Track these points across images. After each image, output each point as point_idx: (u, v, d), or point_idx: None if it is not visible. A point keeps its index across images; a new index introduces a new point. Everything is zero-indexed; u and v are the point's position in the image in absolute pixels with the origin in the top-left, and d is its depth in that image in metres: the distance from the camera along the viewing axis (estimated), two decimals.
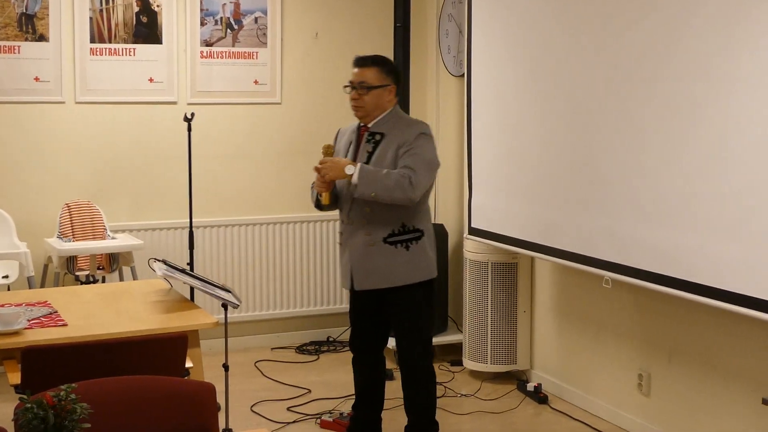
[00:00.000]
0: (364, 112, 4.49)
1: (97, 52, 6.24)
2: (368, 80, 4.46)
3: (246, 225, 6.72)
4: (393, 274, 4.42)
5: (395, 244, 4.42)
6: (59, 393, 2.22)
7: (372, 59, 4.53)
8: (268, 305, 6.83)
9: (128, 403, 2.78)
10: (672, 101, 4.29)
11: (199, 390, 2.88)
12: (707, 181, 4.10)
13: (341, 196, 4.51)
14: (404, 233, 4.43)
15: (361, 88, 4.47)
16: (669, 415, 4.86)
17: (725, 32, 3.97)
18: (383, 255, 4.41)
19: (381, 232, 4.41)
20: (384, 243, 4.41)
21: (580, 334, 5.55)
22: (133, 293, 4.60)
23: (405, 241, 4.43)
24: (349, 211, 4.47)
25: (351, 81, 4.50)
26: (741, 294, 3.94)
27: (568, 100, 5.01)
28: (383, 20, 6.84)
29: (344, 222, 4.53)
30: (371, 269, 4.44)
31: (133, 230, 6.33)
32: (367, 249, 4.42)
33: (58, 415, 2.19)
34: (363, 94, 4.46)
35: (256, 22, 6.65)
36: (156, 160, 6.45)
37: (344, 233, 4.55)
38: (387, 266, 4.42)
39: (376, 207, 4.36)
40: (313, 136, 6.86)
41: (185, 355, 3.71)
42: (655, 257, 4.41)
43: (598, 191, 4.79)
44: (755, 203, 3.85)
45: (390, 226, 4.41)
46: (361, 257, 4.45)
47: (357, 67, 4.52)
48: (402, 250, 4.42)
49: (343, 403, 5.55)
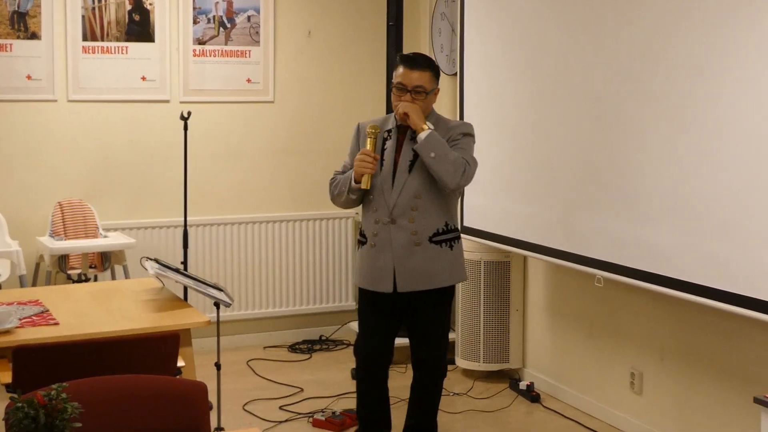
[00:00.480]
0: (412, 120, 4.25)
1: (89, 50, 6.23)
2: (425, 85, 4.27)
3: (239, 224, 6.71)
4: (438, 274, 4.30)
5: (440, 244, 4.30)
6: (50, 392, 2.21)
7: (426, 61, 4.34)
8: (261, 304, 6.82)
9: (119, 402, 2.77)
10: (665, 101, 4.29)
11: (191, 389, 2.87)
12: (700, 180, 4.10)
13: (375, 195, 4.30)
14: (447, 232, 4.32)
15: (416, 93, 4.26)
16: (661, 413, 4.86)
17: (718, 32, 3.98)
18: (428, 255, 4.27)
19: (427, 231, 4.27)
20: (430, 242, 4.28)
21: (572, 333, 5.55)
22: (125, 292, 4.59)
23: (449, 241, 4.32)
24: (392, 208, 4.26)
25: (402, 83, 4.26)
26: (733, 293, 3.94)
27: (561, 100, 5.01)
28: (376, 19, 6.84)
29: (381, 222, 4.30)
30: (415, 270, 4.27)
31: (126, 229, 6.32)
32: (413, 249, 4.26)
33: (49, 414, 2.18)
34: (418, 99, 4.26)
35: (248, 21, 6.64)
36: (148, 159, 6.44)
37: (380, 233, 4.30)
38: (432, 267, 4.28)
39: (422, 204, 4.25)
40: (306, 135, 6.87)
41: (177, 354, 3.70)
42: (647, 256, 4.42)
43: (591, 190, 4.80)
44: (748, 202, 3.86)
45: (435, 224, 4.30)
46: (406, 257, 4.26)
47: (412, 69, 4.27)
48: (447, 249, 4.31)
49: (336, 401, 5.55)
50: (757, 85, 3.80)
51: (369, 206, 4.36)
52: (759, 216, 3.81)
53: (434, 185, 4.24)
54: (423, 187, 4.25)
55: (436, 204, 4.28)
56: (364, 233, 4.40)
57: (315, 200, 6.91)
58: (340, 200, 4.43)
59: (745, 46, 3.85)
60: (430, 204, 4.26)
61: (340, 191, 4.39)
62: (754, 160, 3.83)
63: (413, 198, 4.24)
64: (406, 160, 4.28)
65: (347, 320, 6.97)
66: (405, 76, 4.26)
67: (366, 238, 4.38)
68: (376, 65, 6.87)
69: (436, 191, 4.26)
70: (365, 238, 4.39)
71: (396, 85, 4.28)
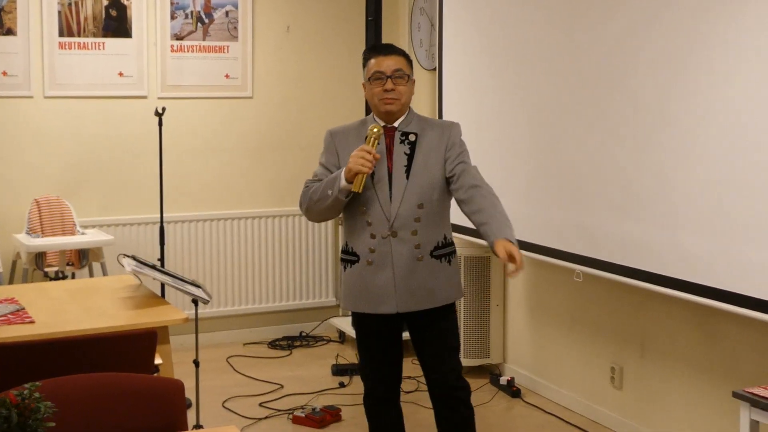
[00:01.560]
0: (400, 105, 3.89)
1: (66, 46, 6.19)
2: (404, 68, 3.90)
3: (217, 220, 6.68)
4: (438, 292, 3.91)
5: (440, 258, 3.90)
6: (23, 392, 2.19)
7: (398, 48, 4.00)
8: (241, 300, 6.80)
9: (95, 401, 2.74)
10: (643, 96, 4.29)
11: (168, 387, 2.84)
12: (679, 175, 4.11)
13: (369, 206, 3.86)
14: (446, 246, 3.94)
15: (397, 78, 3.87)
16: (641, 407, 4.87)
17: (695, 28, 3.98)
18: (429, 270, 3.87)
19: (429, 244, 3.87)
20: (431, 257, 3.87)
21: (552, 328, 5.55)
22: (103, 289, 4.55)
23: (447, 255, 3.94)
24: (392, 220, 3.81)
25: (380, 70, 3.87)
26: (712, 287, 3.95)
27: (539, 94, 5.01)
28: (355, 13, 6.82)
29: (378, 236, 3.84)
30: (417, 287, 3.86)
31: (103, 226, 6.28)
32: (414, 264, 3.84)
33: (22, 413, 2.16)
34: (400, 84, 3.88)
35: (227, 16, 6.61)
36: (126, 155, 6.40)
37: (378, 249, 3.84)
38: (432, 283, 3.89)
39: (425, 215, 3.85)
40: (284, 131, 6.84)
41: (154, 351, 3.67)
42: (625, 251, 4.42)
43: (570, 185, 4.80)
44: (727, 197, 3.87)
45: (436, 237, 3.90)
46: (407, 274, 3.85)
47: (387, 54, 3.92)
48: (445, 264, 3.92)
49: (316, 398, 5.53)
50: (735, 80, 3.81)
51: (361, 220, 3.88)
52: (738, 211, 3.82)
53: (435, 193, 3.87)
54: (425, 196, 3.85)
55: (437, 214, 3.90)
56: (353, 251, 3.92)
57: (294, 196, 6.80)
58: (318, 207, 3.90)
59: (723, 41, 3.86)
60: (432, 214, 3.87)
61: (322, 196, 3.84)
62: (733, 156, 3.83)
63: (416, 208, 3.83)
64: (400, 166, 3.86)
65: (327, 316, 6.96)
66: (380, 64, 3.89)
67: (358, 256, 3.90)
68: (355, 60, 6.82)
69: (437, 200, 3.88)
70: (356, 257, 3.90)
71: (372, 75, 3.88)
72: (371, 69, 3.91)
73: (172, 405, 2.84)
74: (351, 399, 5.51)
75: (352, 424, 5.15)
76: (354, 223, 3.91)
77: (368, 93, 3.94)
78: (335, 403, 5.38)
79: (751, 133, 3.75)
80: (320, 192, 3.85)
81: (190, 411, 4.73)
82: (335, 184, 3.79)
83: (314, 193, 3.88)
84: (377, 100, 3.89)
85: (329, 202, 3.82)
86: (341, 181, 3.77)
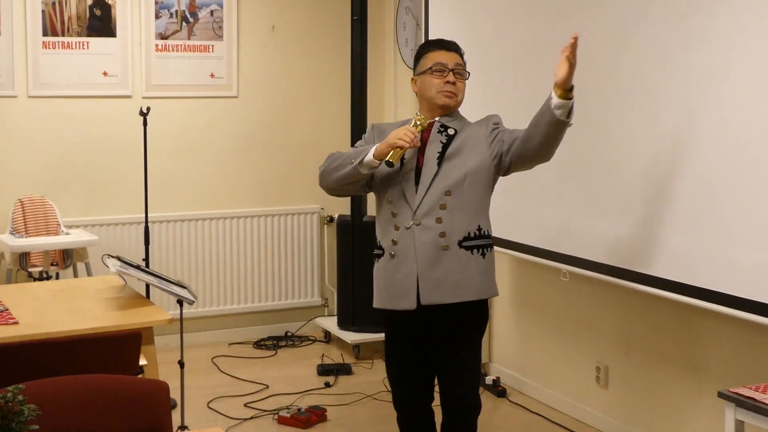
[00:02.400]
0: (456, 101, 3.77)
1: (49, 45, 6.16)
2: (463, 66, 3.81)
3: (202, 220, 6.66)
4: (467, 285, 3.67)
5: (471, 250, 3.68)
6: (6, 394, 2.17)
7: (458, 45, 3.87)
8: (226, 300, 6.78)
9: (79, 403, 2.73)
10: (627, 96, 4.30)
11: (152, 388, 2.83)
12: (663, 174, 4.11)
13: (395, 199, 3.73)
14: (480, 237, 3.71)
15: (458, 74, 3.76)
16: (627, 407, 4.87)
17: (679, 26, 3.99)
18: (457, 261, 3.65)
19: (456, 233, 3.66)
20: (459, 247, 3.66)
21: (538, 328, 5.55)
22: (87, 290, 4.53)
23: (481, 247, 3.71)
24: (416, 208, 3.66)
25: (442, 62, 3.75)
26: (697, 287, 3.95)
27: (524, 93, 5.00)
28: (340, 12, 6.80)
29: (402, 227, 3.69)
30: (442, 279, 3.64)
31: (88, 226, 6.25)
32: (439, 254, 3.64)
33: (5, 416, 2.14)
34: (460, 80, 3.77)
35: (211, 15, 6.59)
36: (111, 155, 6.38)
37: (401, 241, 3.68)
38: (461, 276, 3.66)
39: (452, 202, 3.66)
40: (270, 130, 6.83)
41: (139, 352, 3.66)
42: (611, 250, 4.43)
43: (555, 185, 4.80)
44: (711, 196, 3.87)
45: (466, 226, 3.67)
46: (431, 264, 3.64)
47: (449, 50, 3.81)
48: (478, 257, 3.69)
49: (301, 398, 5.52)
50: (722, 79, 3.81)
51: (387, 212, 3.75)
52: (722, 210, 3.82)
53: (467, 181, 3.69)
54: (455, 184, 3.67)
55: (469, 203, 3.69)
56: (380, 244, 3.79)
57: (279, 195, 6.87)
58: (335, 174, 3.75)
59: (710, 39, 3.86)
60: (461, 202, 3.67)
61: (344, 163, 3.71)
62: (717, 155, 3.83)
63: (443, 195, 3.66)
64: (433, 154, 3.70)
65: (313, 316, 6.95)
66: (442, 56, 3.77)
67: (383, 250, 3.76)
68: (340, 60, 6.84)
69: (469, 188, 3.68)
70: (382, 250, 3.77)
71: (434, 66, 3.74)
72: (431, 60, 3.78)
73: (156, 406, 2.83)
74: (336, 399, 5.50)
75: (338, 424, 5.14)
76: (381, 216, 3.80)
77: (423, 86, 3.79)
78: (321, 403, 5.37)
79: (735, 132, 3.76)
80: (343, 158, 3.73)
81: (175, 412, 4.72)
82: (361, 154, 3.67)
83: (337, 159, 3.77)
84: (435, 93, 3.75)
85: (347, 170, 3.69)
86: (369, 154, 3.65)
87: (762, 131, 3.64)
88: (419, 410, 3.89)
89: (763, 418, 3.10)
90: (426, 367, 3.83)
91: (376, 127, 3.91)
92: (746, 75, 3.70)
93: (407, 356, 3.83)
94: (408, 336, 3.80)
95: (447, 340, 3.74)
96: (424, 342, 3.79)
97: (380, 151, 3.62)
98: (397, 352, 3.86)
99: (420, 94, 3.82)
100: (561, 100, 3.52)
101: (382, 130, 3.85)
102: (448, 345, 3.75)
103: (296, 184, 6.90)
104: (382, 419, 5.17)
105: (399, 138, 3.57)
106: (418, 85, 3.82)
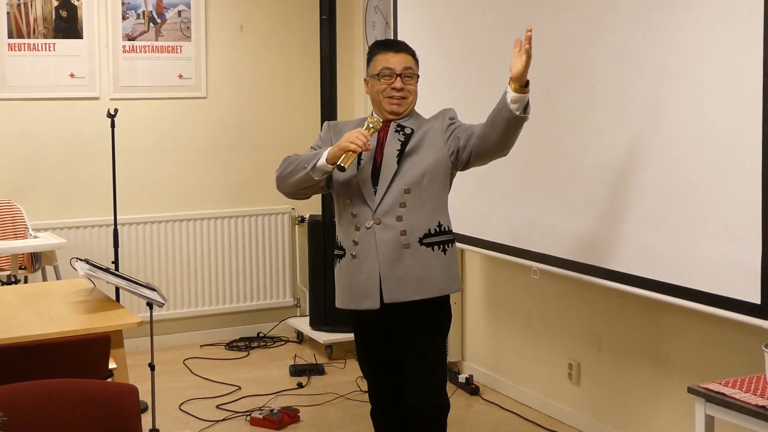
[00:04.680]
0: (407, 105, 3.75)
1: (15, 47, 6.11)
2: (413, 67, 3.76)
3: (172, 221, 6.63)
4: (429, 281, 3.67)
5: (432, 246, 3.69)
6: None
7: (408, 46, 3.83)
8: (197, 302, 6.75)
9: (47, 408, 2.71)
10: (598, 92, 4.31)
11: (121, 392, 2.82)
12: (632, 170, 4.13)
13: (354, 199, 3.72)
14: (441, 233, 3.72)
15: (407, 77, 3.73)
16: (599, 403, 4.89)
17: (647, 24, 4.00)
18: (418, 259, 3.66)
19: (417, 231, 3.66)
20: (420, 244, 3.66)
21: (510, 325, 5.56)
22: (55, 293, 4.49)
23: (442, 243, 3.71)
24: (376, 207, 3.66)
25: (389, 67, 3.72)
26: (666, 283, 3.97)
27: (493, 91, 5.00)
28: (308, 12, 6.79)
29: (362, 227, 3.68)
30: (403, 276, 3.65)
31: (56, 229, 6.21)
32: (400, 252, 3.64)
33: None
34: (409, 83, 3.73)
35: (179, 16, 6.56)
36: (78, 157, 6.33)
37: (362, 241, 3.68)
38: (423, 272, 3.67)
39: (411, 200, 3.66)
40: (239, 131, 6.80)
41: (108, 356, 3.64)
42: (581, 247, 4.44)
43: (525, 182, 4.80)
44: (680, 192, 3.89)
45: (426, 223, 3.68)
46: (393, 262, 3.64)
47: (396, 51, 3.76)
48: (440, 253, 3.70)
49: (274, 399, 5.50)
50: (690, 76, 3.82)
51: (347, 213, 3.74)
52: (689, 206, 3.84)
53: (425, 178, 3.69)
54: (414, 181, 3.66)
55: (428, 200, 3.69)
56: (340, 245, 3.78)
57: (249, 196, 6.85)
58: (289, 179, 3.74)
59: (678, 36, 3.87)
60: (421, 200, 3.68)
61: (297, 168, 3.70)
62: (685, 151, 3.85)
63: (402, 193, 3.65)
64: (392, 153, 3.69)
65: (285, 317, 6.93)
66: (389, 60, 3.73)
67: (344, 250, 3.76)
68: (309, 59, 6.83)
69: (428, 185, 3.69)
70: (343, 251, 3.76)
71: (380, 72, 3.72)
72: (379, 64, 3.75)
73: (125, 410, 2.81)
74: (309, 399, 5.49)
75: (311, 425, 5.13)
76: (341, 217, 3.79)
77: (372, 89, 3.78)
78: (293, 404, 5.35)
79: (701, 129, 3.77)
80: (297, 162, 3.71)
81: (146, 415, 4.69)
82: (313, 159, 3.65)
83: (291, 163, 3.74)
84: (382, 98, 3.74)
85: (300, 176, 3.67)
86: (322, 158, 3.62)
87: (727, 127, 3.66)
88: (392, 404, 3.90)
89: (732, 412, 3.11)
90: (395, 362, 3.83)
91: (333, 126, 3.88)
92: (713, 74, 3.72)
93: (376, 354, 3.86)
94: (374, 335, 3.82)
95: (411, 342, 3.74)
96: (391, 339, 3.81)
97: (332, 155, 3.60)
98: (366, 350, 3.89)
99: (371, 96, 3.81)
100: (517, 94, 3.49)
101: (338, 130, 3.81)
102: (412, 346, 3.74)
103: (266, 184, 6.86)
104: (355, 419, 5.16)
105: (351, 142, 3.54)
106: (369, 87, 3.81)
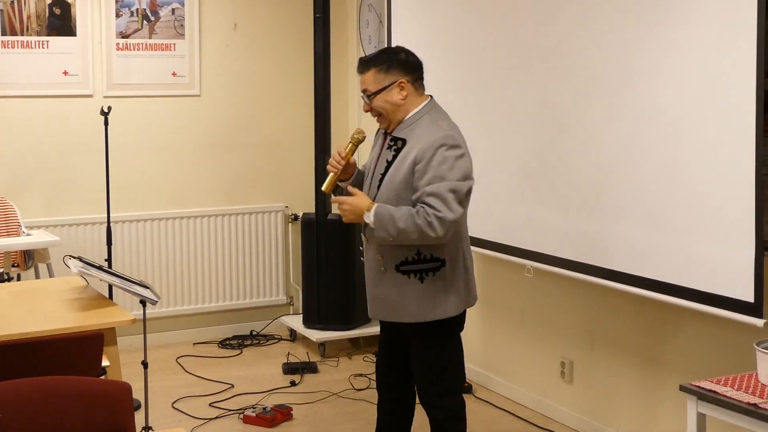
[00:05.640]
0: (388, 120, 3.79)
1: (8, 45, 6.10)
2: (369, 86, 3.77)
3: (165, 219, 6.62)
4: (404, 308, 3.75)
5: (408, 274, 3.72)
6: None
7: (370, 59, 3.83)
8: (190, 300, 6.74)
9: (40, 406, 2.70)
10: (588, 92, 4.32)
11: (114, 389, 2.81)
12: (625, 169, 4.14)
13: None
14: (419, 262, 3.70)
15: (367, 95, 3.80)
16: (591, 401, 4.90)
17: (642, 26, 4.01)
18: (395, 285, 3.74)
19: (393, 259, 3.72)
20: (396, 271, 3.73)
21: (503, 323, 5.57)
22: (49, 291, 4.49)
23: (419, 272, 3.71)
24: (364, 227, 3.78)
25: (362, 90, 3.83)
26: (659, 281, 3.98)
27: (486, 90, 5.02)
28: (303, 10, 6.79)
29: (364, 241, 3.87)
30: (382, 298, 3.80)
31: (49, 226, 6.20)
32: (380, 274, 3.78)
33: None
34: (375, 101, 3.78)
35: (173, 14, 6.55)
36: (72, 155, 6.32)
37: (364, 253, 3.89)
38: (398, 298, 3.75)
39: None
40: (233, 128, 6.80)
41: (101, 353, 3.64)
42: (574, 246, 4.45)
43: (518, 181, 4.81)
44: (672, 191, 3.90)
45: (403, 252, 3.71)
46: (374, 282, 3.82)
47: (360, 73, 3.83)
48: (415, 281, 3.71)
49: (267, 397, 5.50)
50: (680, 78, 3.83)
51: None
52: (683, 205, 3.85)
53: (396, 199, 3.69)
54: (388, 201, 3.69)
55: None
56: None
57: (242, 194, 6.85)
58: None
59: (669, 39, 3.88)
60: None
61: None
62: (678, 150, 3.86)
63: None
64: (381, 168, 3.78)
65: (278, 315, 6.93)
66: (361, 81, 3.83)
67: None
68: (303, 57, 6.82)
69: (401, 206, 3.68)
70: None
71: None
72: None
73: (118, 408, 2.81)
74: (302, 398, 5.49)
75: (304, 422, 5.13)
76: None
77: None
78: (286, 401, 5.36)
79: (695, 130, 3.78)
80: None
81: (139, 412, 4.69)
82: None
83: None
84: None
85: None
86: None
87: (719, 129, 3.67)
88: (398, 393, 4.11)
89: (724, 410, 3.12)
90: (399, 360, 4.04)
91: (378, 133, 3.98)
92: (702, 76, 3.73)
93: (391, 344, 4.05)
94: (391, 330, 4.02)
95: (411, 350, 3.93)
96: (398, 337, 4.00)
97: None
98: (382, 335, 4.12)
99: None
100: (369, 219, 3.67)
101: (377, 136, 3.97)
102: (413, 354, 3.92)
103: (260, 182, 6.88)
104: (348, 417, 5.17)
105: (329, 164, 3.79)
106: None
